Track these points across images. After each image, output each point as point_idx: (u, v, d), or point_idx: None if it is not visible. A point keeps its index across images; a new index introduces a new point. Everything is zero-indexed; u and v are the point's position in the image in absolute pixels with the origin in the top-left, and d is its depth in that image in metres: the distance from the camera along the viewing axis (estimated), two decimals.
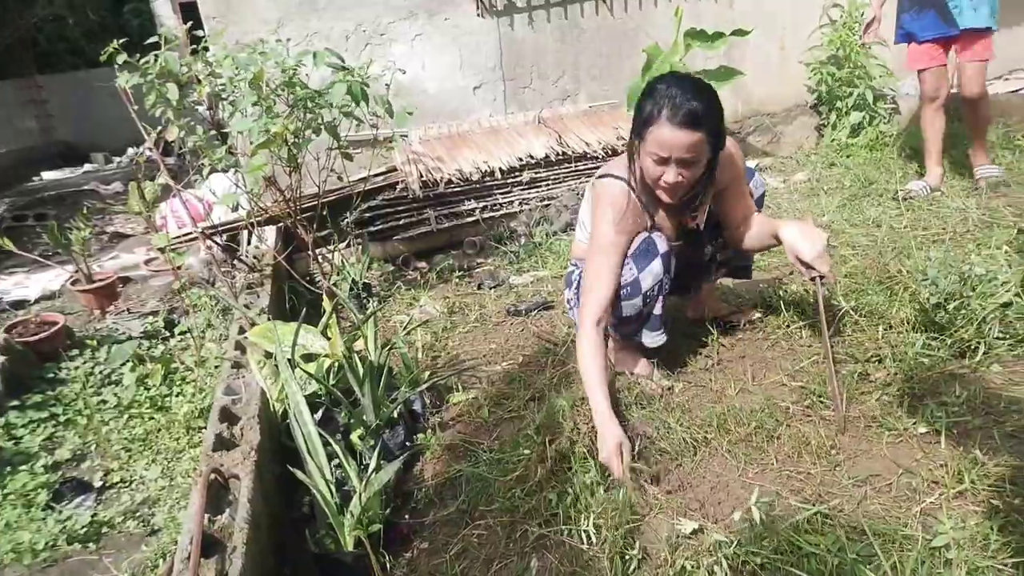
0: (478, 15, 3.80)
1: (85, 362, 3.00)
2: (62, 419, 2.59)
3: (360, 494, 1.44)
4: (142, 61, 2.62)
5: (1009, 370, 1.81)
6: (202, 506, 1.17)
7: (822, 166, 4.61)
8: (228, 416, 1.64)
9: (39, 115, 10.77)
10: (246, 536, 1.17)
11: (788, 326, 2.24)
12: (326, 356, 1.80)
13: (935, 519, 1.36)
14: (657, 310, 1.97)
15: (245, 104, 2.52)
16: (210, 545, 1.18)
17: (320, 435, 1.54)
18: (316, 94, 2.64)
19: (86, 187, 7.21)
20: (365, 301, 3.09)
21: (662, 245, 1.87)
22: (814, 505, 1.44)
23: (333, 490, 1.50)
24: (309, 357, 1.96)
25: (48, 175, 8.85)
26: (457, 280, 3.29)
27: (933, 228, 3.00)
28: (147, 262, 3.92)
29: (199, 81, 2.68)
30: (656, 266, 1.86)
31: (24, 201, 6.93)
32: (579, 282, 2.08)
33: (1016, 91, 4.79)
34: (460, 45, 3.84)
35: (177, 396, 2.69)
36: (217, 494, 1.35)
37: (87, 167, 9.20)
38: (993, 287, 1.87)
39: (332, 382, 1.94)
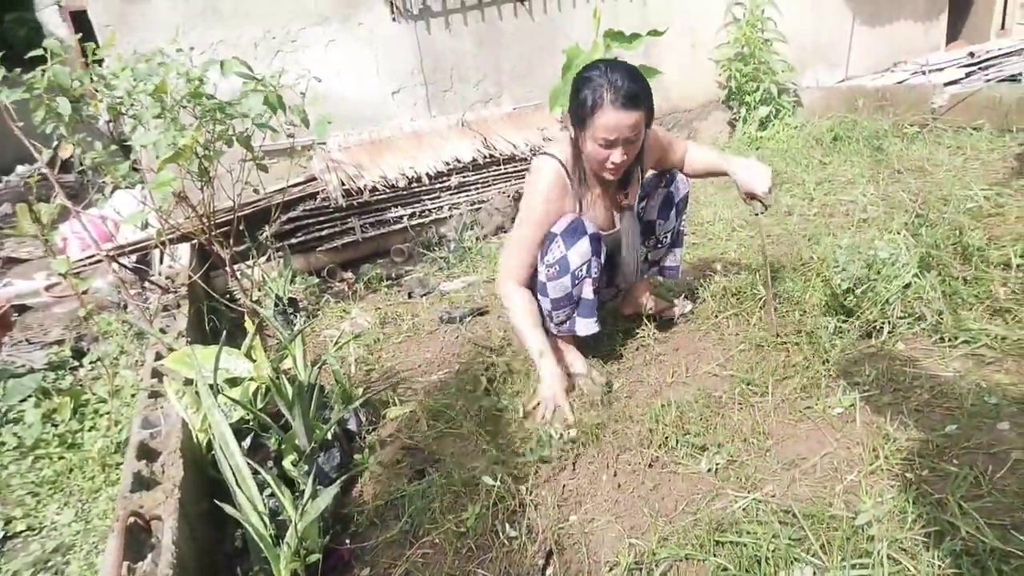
0: (393, 20, 3.73)
1: None
2: None
3: (296, 524, 1.38)
4: (27, 76, 2.43)
5: (911, 347, 1.94)
6: (119, 554, 1.09)
7: None
8: (146, 452, 1.54)
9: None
10: None
11: (716, 316, 2.31)
12: (251, 379, 1.72)
13: (857, 497, 1.43)
14: (587, 295, 1.99)
15: (147, 117, 2.38)
16: None
17: (249, 464, 1.46)
18: (226, 104, 2.52)
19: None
20: (292, 317, 2.98)
21: (590, 227, 1.93)
22: (748, 493, 1.49)
23: (267, 521, 1.43)
24: (234, 381, 1.87)
25: None
26: (386, 290, 3.23)
27: (838, 216, 3.17)
28: (48, 288, 3.65)
29: (95, 94, 2.51)
30: (583, 245, 1.90)
31: None
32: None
33: (901, 82, 5.13)
34: (376, 50, 3.76)
35: (90, 431, 2.50)
36: (138, 538, 1.26)
37: None
38: (895, 270, 1.99)
39: (260, 406, 1.85)
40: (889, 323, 1.98)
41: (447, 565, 1.46)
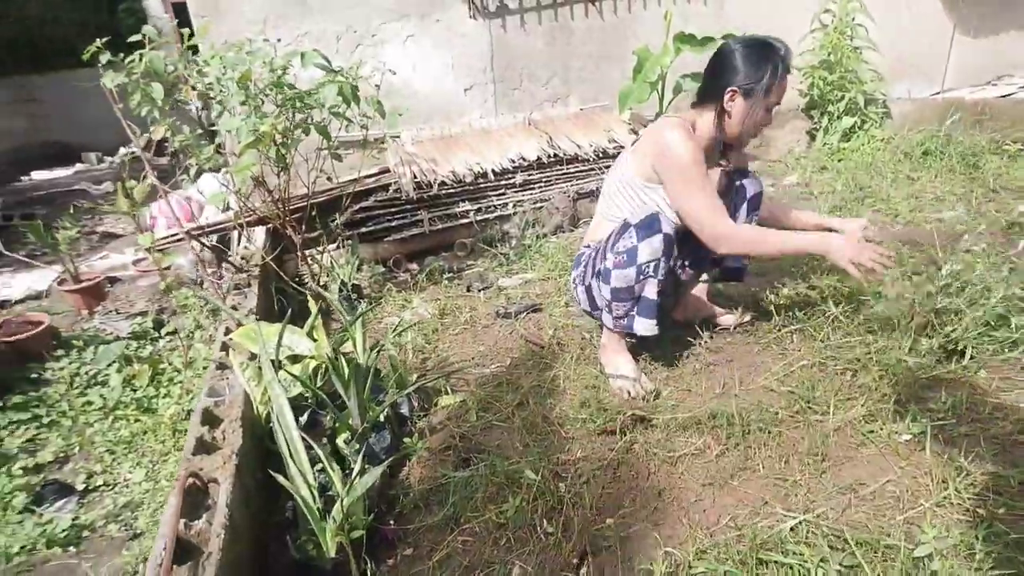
0: (470, 17, 3.79)
1: (71, 363, 2.96)
2: (45, 421, 2.56)
3: (343, 499, 1.42)
4: (127, 60, 2.60)
5: (996, 375, 1.81)
6: (177, 511, 1.15)
7: (812, 170, 4.61)
8: (210, 419, 1.62)
9: (31, 115, 10.70)
10: (222, 542, 1.15)
11: (780, 330, 2.23)
12: (311, 358, 1.78)
13: (919, 528, 1.35)
14: (650, 294, 1.97)
15: (233, 103, 2.50)
16: (186, 551, 1.16)
17: (303, 439, 1.52)
18: (305, 94, 2.62)
19: (76, 187, 7.16)
20: (355, 303, 3.07)
21: (667, 225, 1.91)
22: (800, 514, 1.43)
23: (315, 495, 1.48)
24: (295, 359, 1.94)
25: (37, 175, 8.78)
26: (447, 282, 3.28)
27: (923, 233, 3.00)
28: (135, 262, 3.89)
29: (186, 81, 2.66)
30: (656, 242, 1.89)
31: (12, 201, 6.88)
32: (590, 262, 2.13)
33: (1005, 96, 4.81)
34: (452, 47, 3.83)
35: (164, 398, 2.66)
36: (195, 499, 1.33)
37: (78, 167, 9.13)
38: (983, 291, 1.87)
39: (318, 384, 1.92)
40: (971, 347, 1.85)
41: (486, 554, 1.47)
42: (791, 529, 1.39)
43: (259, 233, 3.40)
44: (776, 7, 4.82)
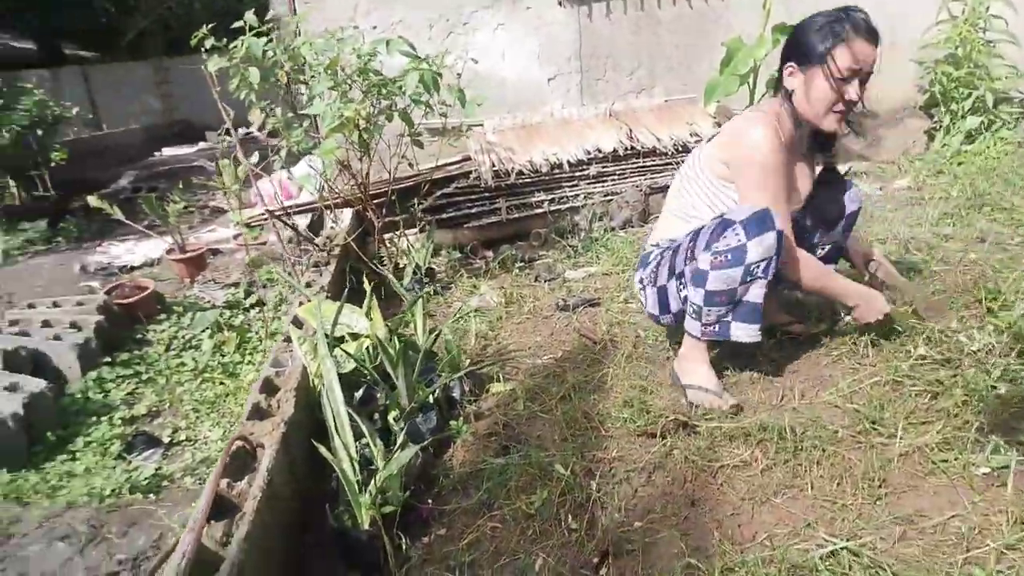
0: (559, 4, 3.76)
1: (171, 326, 3.24)
2: (144, 377, 2.82)
3: (378, 474, 1.47)
4: (231, 46, 2.78)
5: None
6: (220, 471, 1.24)
7: (927, 174, 4.24)
8: (269, 387, 1.73)
9: (165, 95, 11.72)
10: (257, 504, 1.23)
11: (854, 343, 2.09)
12: (367, 337, 1.85)
13: (980, 569, 1.23)
14: (756, 296, 1.77)
15: (320, 89, 2.62)
16: (227, 509, 1.25)
17: (349, 413, 1.58)
18: (389, 81, 2.71)
19: (196, 163, 7.77)
20: (427, 286, 3.15)
21: (780, 222, 1.72)
22: (843, 540, 1.34)
23: (356, 468, 1.54)
24: (355, 336, 2.03)
25: (167, 151, 9.61)
26: (517, 271, 3.30)
27: None
28: (235, 236, 4.17)
29: (282, 66, 2.81)
30: (769, 239, 1.69)
31: (145, 175, 7.58)
32: (662, 261, 1.99)
33: None
34: (540, 35, 3.82)
35: (247, 364, 2.86)
36: (244, 461, 1.42)
37: (202, 144, 9.91)
38: None
39: (375, 364, 1.99)
40: None
41: (512, 542, 1.49)
42: (831, 554, 1.30)
43: (346, 215, 3.56)
44: None
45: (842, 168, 4.38)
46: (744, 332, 1.82)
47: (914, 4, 4.49)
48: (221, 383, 2.74)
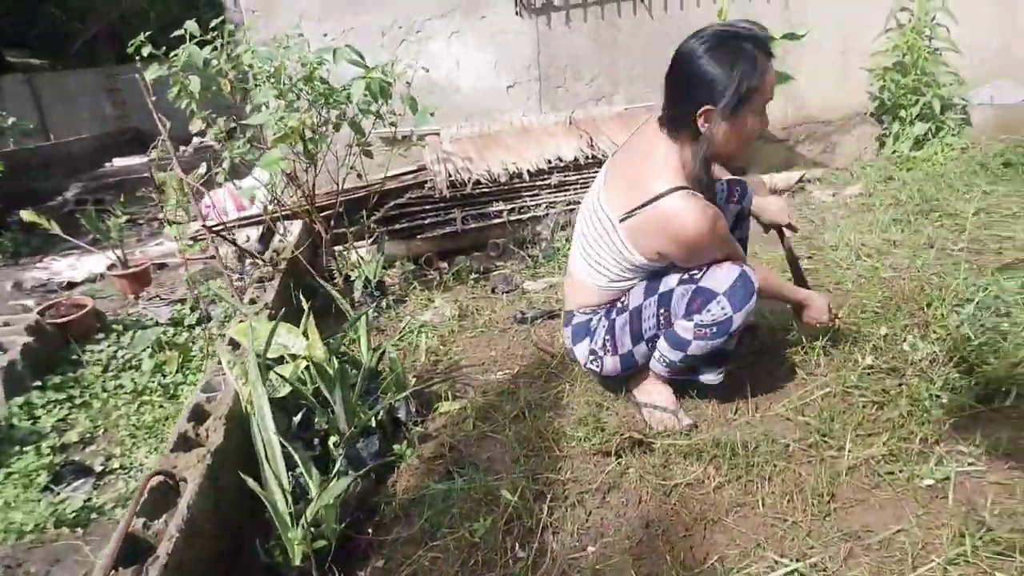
0: (516, 13, 3.72)
1: (110, 346, 3.09)
2: (78, 402, 2.67)
3: (310, 506, 1.39)
4: (172, 54, 2.67)
5: None
6: (133, 509, 1.15)
7: (878, 179, 4.31)
8: (198, 415, 1.63)
9: (115, 104, 11.37)
10: (174, 544, 1.14)
11: (806, 352, 2.08)
12: (303, 358, 1.77)
13: None
14: (729, 346, 1.74)
15: (264, 98, 2.53)
16: (143, 551, 1.16)
17: (281, 442, 1.50)
18: (336, 90, 2.63)
19: (146, 175, 7.52)
20: (378, 300, 3.07)
21: (754, 276, 1.63)
22: (793, 561, 1.30)
23: (289, 499, 1.46)
24: (295, 357, 1.94)
25: (118, 161, 9.30)
26: (473, 283, 3.24)
27: (987, 254, 2.74)
28: (190, 250, 4.02)
29: (226, 75, 2.71)
30: (753, 303, 1.62)
31: (91, 186, 7.31)
32: (608, 328, 1.83)
33: None
34: (496, 43, 3.77)
35: (191, 385, 2.73)
36: (165, 497, 1.33)
37: (153, 154, 9.62)
38: None
39: (316, 385, 1.90)
40: (1017, 385, 1.66)
41: (452, 574, 1.41)
42: None
43: (295, 227, 3.45)
44: (845, 5, 4.53)
45: (796, 175, 4.44)
46: (711, 376, 1.83)
47: (865, 13, 4.58)
48: (161, 406, 2.61)
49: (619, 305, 1.82)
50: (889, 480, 1.50)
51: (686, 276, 1.67)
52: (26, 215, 3.24)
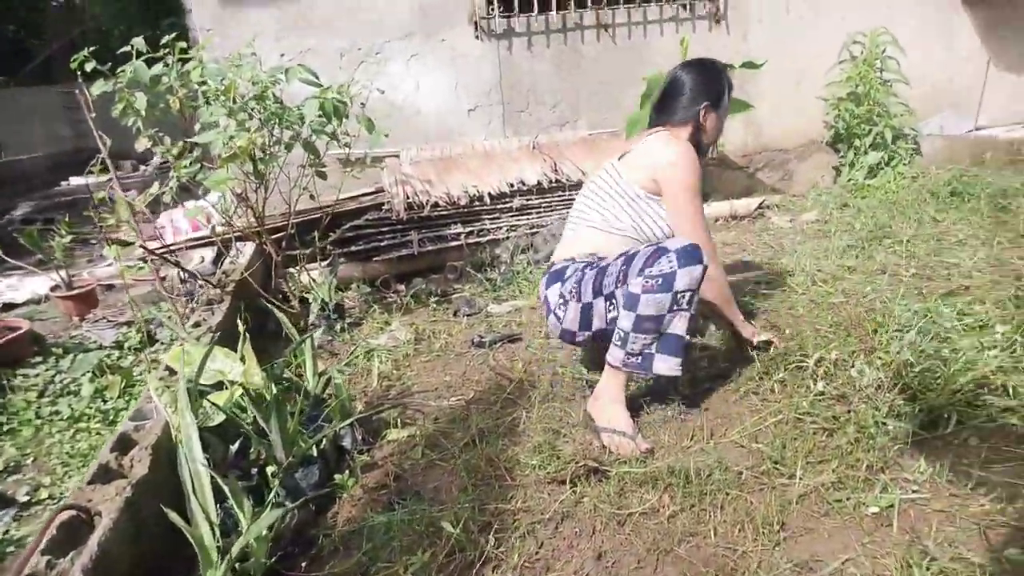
0: (476, 38, 3.73)
1: (47, 370, 2.94)
2: (5, 428, 2.53)
3: (240, 540, 1.31)
4: (119, 70, 2.60)
5: (989, 445, 1.61)
6: (33, 547, 1.06)
7: (834, 206, 4.40)
8: (124, 444, 1.54)
9: (75, 121, 11.10)
10: None
11: (760, 379, 2.07)
12: (239, 384, 1.69)
13: None
14: (679, 329, 1.82)
15: (213, 116, 2.46)
16: None
17: (210, 473, 1.41)
18: (289, 110, 2.58)
19: (108, 195, 7.32)
20: (333, 323, 2.99)
21: (706, 257, 1.82)
22: None
23: (216, 533, 1.37)
24: (233, 383, 1.85)
25: (75, 180, 9.05)
26: (434, 305, 3.18)
27: (936, 280, 2.79)
28: (134, 272, 3.88)
29: (174, 92, 2.64)
30: (697, 272, 1.79)
31: (43, 205, 7.09)
32: (580, 278, 2.04)
33: None
34: (457, 67, 3.78)
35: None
36: (78, 532, 1.24)
37: (98, 174, 9.39)
38: (976, 351, 1.68)
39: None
40: (957, 412, 1.66)
41: None
42: None
43: (248, 249, 3.36)
44: (801, 37, 4.67)
45: (756, 201, 4.51)
46: (666, 365, 1.84)
47: (819, 45, 4.72)
48: (98, 433, 2.49)
49: (593, 262, 2.06)
50: (837, 508, 1.47)
51: (654, 243, 1.91)
52: None
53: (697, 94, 2.15)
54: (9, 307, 3.97)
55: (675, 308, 1.78)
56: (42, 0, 12.45)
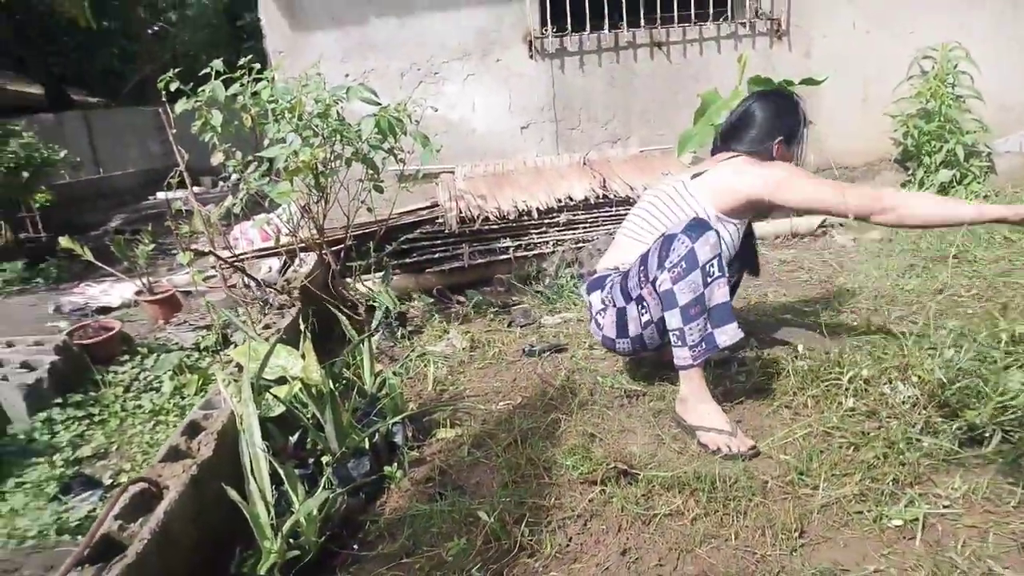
0: (530, 57, 3.87)
1: (134, 367, 3.23)
2: (96, 419, 2.79)
3: (293, 517, 1.45)
4: (199, 90, 2.85)
5: None
6: (108, 509, 1.22)
7: None
8: (193, 430, 1.71)
9: (164, 141, 11.97)
10: (145, 547, 1.20)
11: (795, 394, 2.08)
12: (298, 379, 1.84)
13: None
14: (722, 297, 1.85)
15: (280, 132, 2.67)
16: (116, 551, 1.22)
17: (268, 458, 1.56)
18: (348, 126, 2.76)
19: (187, 207, 7.84)
20: (397, 330, 3.14)
21: (714, 222, 1.94)
22: None
23: (272, 512, 1.52)
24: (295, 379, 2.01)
25: (161, 195, 9.75)
26: (492, 316, 3.29)
27: (996, 300, 2.70)
28: (205, 279, 4.18)
29: (248, 110, 2.87)
30: (712, 237, 1.83)
31: (133, 218, 7.68)
32: (611, 285, 2.12)
33: None
34: (511, 86, 3.92)
35: None
36: (149, 503, 1.40)
37: (196, 189, 10.06)
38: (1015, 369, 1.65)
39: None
40: (1001, 430, 1.63)
41: None
42: None
43: (310, 259, 3.58)
44: (866, 53, 4.59)
45: (818, 219, 4.43)
46: (727, 335, 1.87)
47: (886, 60, 4.62)
48: (175, 425, 2.70)
49: (622, 269, 2.13)
50: (857, 519, 1.49)
51: (660, 237, 1.95)
52: (64, 242, 3.45)
53: (772, 128, 2.13)
54: (105, 310, 4.35)
55: (708, 280, 1.83)
56: (138, 27, 13.50)
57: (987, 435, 1.63)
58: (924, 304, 2.75)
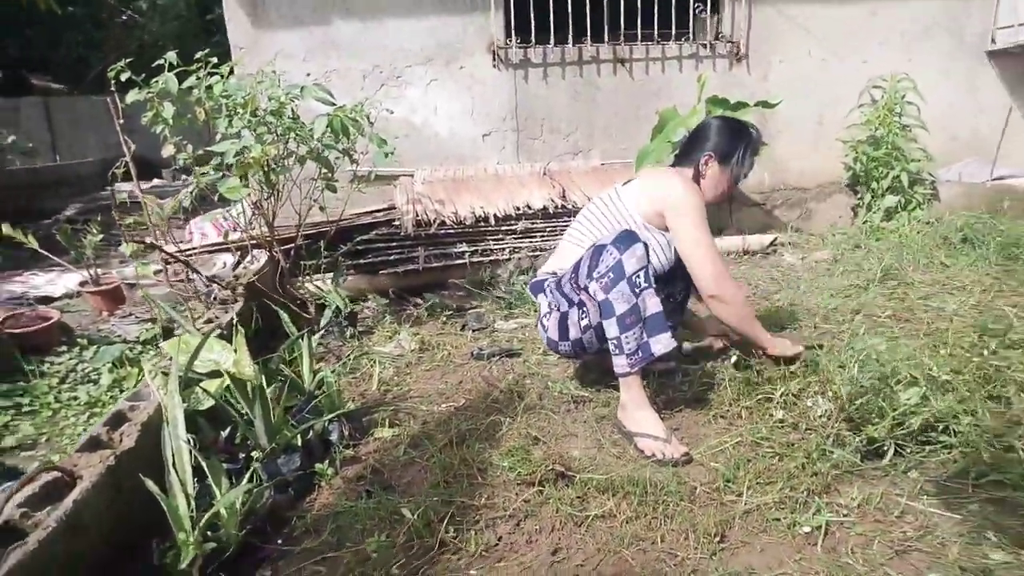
0: (493, 66, 3.91)
1: (71, 359, 3.13)
2: (25, 409, 2.70)
3: (212, 510, 1.42)
4: (152, 81, 2.81)
5: (926, 479, 1.67)
6: (9, 497, 1.19)
7: (847, 247, 4.42)
8: (118, 420, 1.67)
9: (125, 130, 11.71)
10: (47, 535, 1.17)
11: (731, 404, 2.13)
12: (230, 373, 1.82)
13: None
14: (654, 307, 1.93)
15: (232, 128, 2.65)
16: (17, 539, 1.19)
17: (190, 450, 1.54)
18: (300, 125, 2.75)
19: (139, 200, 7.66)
20: (345, 329, 3.12)
21: (643, 235, 1.97)
22: None
23: (192, 505, 1.49)
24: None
25: (120, 187, 9.52)
26: (445, 319, 3.29)
27: (913, 322, 2.81)
28: (155, 272, 4.09)
29: (201, 104, 2.84)
30: (639, 250, 1.90)
31: (89, 207, 7.47)
32: (557, 290, 2.15)
33: None
34: (474, 94, 3.95)
35: None
36: (61, 493, 1.36)
37: (155, 182, 9.86)
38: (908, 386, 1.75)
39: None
40: (896, 444, 1.73)
41: None
42: None
43: (263, 255, 3.53)
44: (822, 79, 4.74)
45: (769, 238, 4.55)
46: (661, 344, 1.94)
47: (840, 87, 4.78)
48: None
49: (559, 274, 2.18)
50: (774, 525, 1.54)
51: (593, 246, 2.01)
52: (6, 229, 3.33)
53: (706, 142, 2.19)
54: (47, 300, 4.22)
55: (637, 291, 1.90)
56: (107, 14, 13.20)
57: (884, 448, 1.72)
58: (851, 322, 2.84)
